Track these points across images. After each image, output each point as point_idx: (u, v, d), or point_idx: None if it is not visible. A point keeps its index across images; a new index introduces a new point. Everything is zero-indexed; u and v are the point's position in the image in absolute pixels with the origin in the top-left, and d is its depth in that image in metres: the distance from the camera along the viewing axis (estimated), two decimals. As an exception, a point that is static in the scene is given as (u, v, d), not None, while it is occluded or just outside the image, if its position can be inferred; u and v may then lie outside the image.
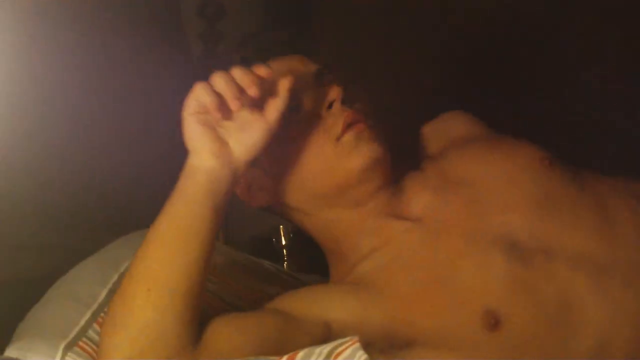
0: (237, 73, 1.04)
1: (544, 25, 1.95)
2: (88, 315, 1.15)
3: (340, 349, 0.98)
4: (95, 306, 1.17)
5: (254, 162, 1.15)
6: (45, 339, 1.12)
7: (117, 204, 1.52)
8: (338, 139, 1.17)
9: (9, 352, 1.14)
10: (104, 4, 1.56)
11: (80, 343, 1.11)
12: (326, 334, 1.08)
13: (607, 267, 1.11)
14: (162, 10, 1.75)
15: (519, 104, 1.94)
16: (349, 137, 1.17)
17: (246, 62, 1.09)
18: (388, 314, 1.10)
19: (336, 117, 1.18)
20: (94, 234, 1.43)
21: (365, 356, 0.95)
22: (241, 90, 1.03)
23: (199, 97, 1.04)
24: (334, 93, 1.19)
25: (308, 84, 1.20)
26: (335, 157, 1.17)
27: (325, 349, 0.98)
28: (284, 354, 1.00)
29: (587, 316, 1.09)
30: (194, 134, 1.06)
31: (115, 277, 1.21)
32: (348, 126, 1.17)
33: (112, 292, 1.18)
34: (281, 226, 1.90)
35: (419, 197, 1.22)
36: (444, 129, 1.35)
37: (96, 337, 1.12)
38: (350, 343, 0.98)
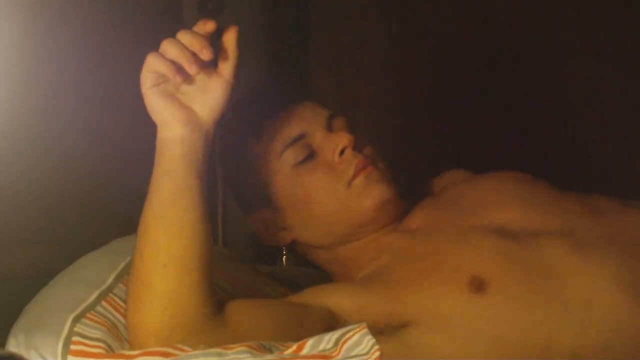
0: (185, 38, 1.06)
1: (542, 28, 1.96)
2: (96, 294, 1.17)
3: (348, 335, 0.99)
4: (103, 287, 1.18)
5: (271, 205, 1.28)
6: (53, 313, 1.13)
7: (125, 202, 1.52)
8: (350, 182, 1.26)
9: (16, 329, 1.14)
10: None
11: (89, 315, 1.12)
12: (333, 318, 1.14)
13: (588, 240, 1.19)
14: (162, 4, 1.74)
15: (516, 106, 1.95)
16: (359, 180, 1.26)
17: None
18: (386, 298, 1.17)
19: (348, 163, 1.27)
20: (101, 231, 1.43)
21: (373, 341, 0.97)
22: (194, 54, 1.06)
23: (154, 67, 1.06)
24: (346, 140, 1.27)
25: (320, 129, 1.28)
26: (348, 199, 1.26)
27: (334, 335, 0.99)
28: (296, 334, 1.05)
29: (571, 281, 1.15)
30: (159, 106, 1.08)
31: (122, 264, 1.23)
32: (359, 170, 1.26)
33: (119, 277, 1.21)
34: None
35: (415, 215, 1.32)
36: (445, 182, 1.44)
37: (105, 312, 1.13)
38: (358, 329, 0.99)
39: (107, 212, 1.52)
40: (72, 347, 1.07)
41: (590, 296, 1.14)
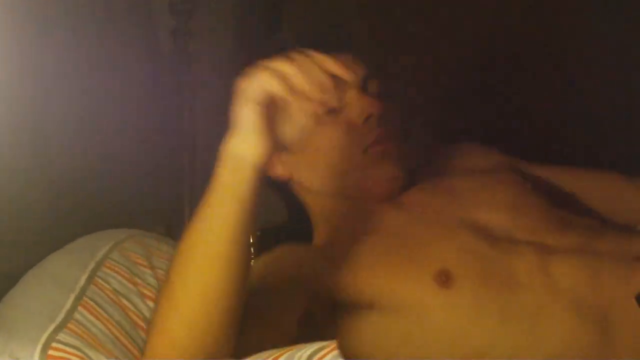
0: (319, 76, 0.98)
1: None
2: (72, 298, 1.15)
3: (319, 354, 0.98)
4: (77, 290, 1.17)
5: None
6: (29, 317, 1.11)
7: (125, 203, 1.51)
8: (366, 150, 1.30)
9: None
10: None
11: (69, 325, 1.10)
12: (306, 295, 1.17)
13: (557, 256, 1.21)
14: (133, 6, 1.73)
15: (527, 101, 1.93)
16: (376, 150, 1.31)
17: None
18: (354, 275, 1.19)
19: (370, 130, 1.31)
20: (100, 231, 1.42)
21: (343, 363, 0.96)
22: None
23: (267, 86, 0.98)
24: (375, 108, 1.30)
25: (355, 86, 1.30)
26: (359, 164, 1.31)
27: (305, 353, 0.99)
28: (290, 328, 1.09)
29: (527, 293, 1.18)
30: (255, 126, 1.00)
31: (92, 264, 1.23)
32: (378, 141, 1.30)
33: (90, 278, 1.20)
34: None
35: (412, 193, 1.35)
36: (456, 157, 1.47)
37: (83, 320, 1.12)
38: (329, 349, 0.98)
39: (106, 213, 1.52)
40: (51, 352, 1.05)
41: (541, 308, 1.17)
